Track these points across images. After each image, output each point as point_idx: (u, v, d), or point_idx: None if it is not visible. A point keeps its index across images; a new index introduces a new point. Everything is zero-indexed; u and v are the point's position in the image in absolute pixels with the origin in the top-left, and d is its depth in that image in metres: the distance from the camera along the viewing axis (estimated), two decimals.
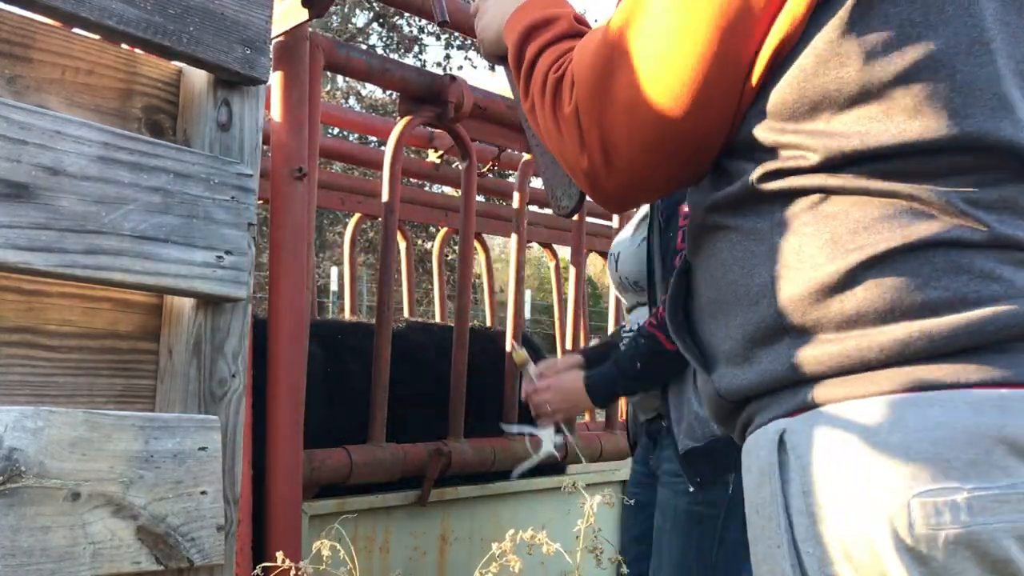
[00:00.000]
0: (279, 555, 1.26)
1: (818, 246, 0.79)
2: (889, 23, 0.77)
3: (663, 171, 0.90)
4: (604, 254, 3.86)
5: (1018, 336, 0.75)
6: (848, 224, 0.78)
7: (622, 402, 3.68)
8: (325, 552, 1.15)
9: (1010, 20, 0.82)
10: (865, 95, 0.78)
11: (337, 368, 2.22)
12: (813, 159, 0.80)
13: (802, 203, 0.81)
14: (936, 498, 0.72)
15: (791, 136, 0.81)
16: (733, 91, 0.83)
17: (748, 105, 0.84)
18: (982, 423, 0.73)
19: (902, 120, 0.77)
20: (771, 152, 0.82)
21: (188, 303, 1.15)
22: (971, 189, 0.78)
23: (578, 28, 1.02)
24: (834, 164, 0.79)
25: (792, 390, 0.80)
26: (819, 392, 0.78)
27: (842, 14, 0.78)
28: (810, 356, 0.78)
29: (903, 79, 0.77)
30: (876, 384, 0.76)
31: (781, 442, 0.79)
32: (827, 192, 0.80)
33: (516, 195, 2.65)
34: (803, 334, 0.79)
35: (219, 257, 1.12)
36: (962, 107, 0.77)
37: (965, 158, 0.78)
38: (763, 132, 0.83)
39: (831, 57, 0.78)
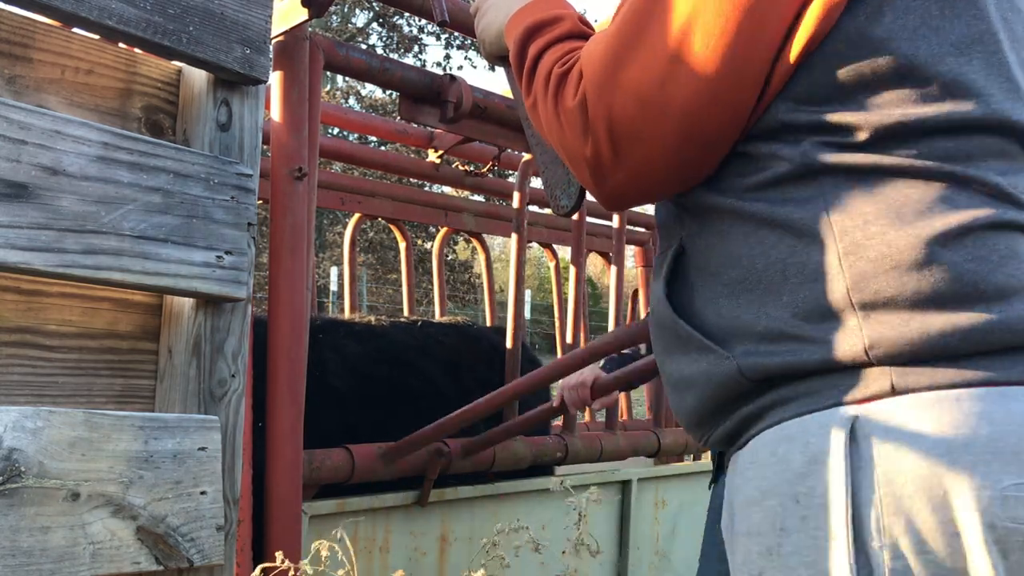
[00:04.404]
0: (278, 555, 1.26)
1: (886, 223, 0.79)
2: (912, 14, 0.82)
3: (672, 165, 0.89)
4: (604, 254, 3.86)
5: None
6: (910, 204, 0.79)
7: (622, 402, 3.68)
8: (324, 553, 1.15)
9: (1007, 15, 0.88)
10: (898, 78, 0.81)
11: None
12: (861, 136, 0.81)
13: (856, 183, 0.81)
14: (1022, 492, 0.73)
15: (830, 116, 0.82)
16: (755, 81, 0.83)
17: (776, 92, 0.84)
18: None
19: (935, 100, 0.80)
20: (812, 131, 0.83)
21: (188, 303, 1.15)
22: (1006, 174, 0.81)
23: (582, 29, 1.02)
24: (881, 140, 0.81)
25: (861, 372, 0.79)
26: (900, 379, 0.77)
27: (873, 4, 0.82)
28: (887, 338, 0.77)
29: (930, 64, 0.81)
30: (961, 375, 0.76)
31: (852, 430, 0.77)
32: (880, 172, 0.81)
33: (516, 195, 2.65)
34: (874, 311, 0.78)
35: (219, 257, 1.12)
36: (984, 89, 0.81)
37: (993, 140, 0.81)
38: (798, 115, 0.83)
39: (863, 43, 0.81)
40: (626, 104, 0.86)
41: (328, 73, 2.37)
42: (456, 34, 11.98)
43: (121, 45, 1.12)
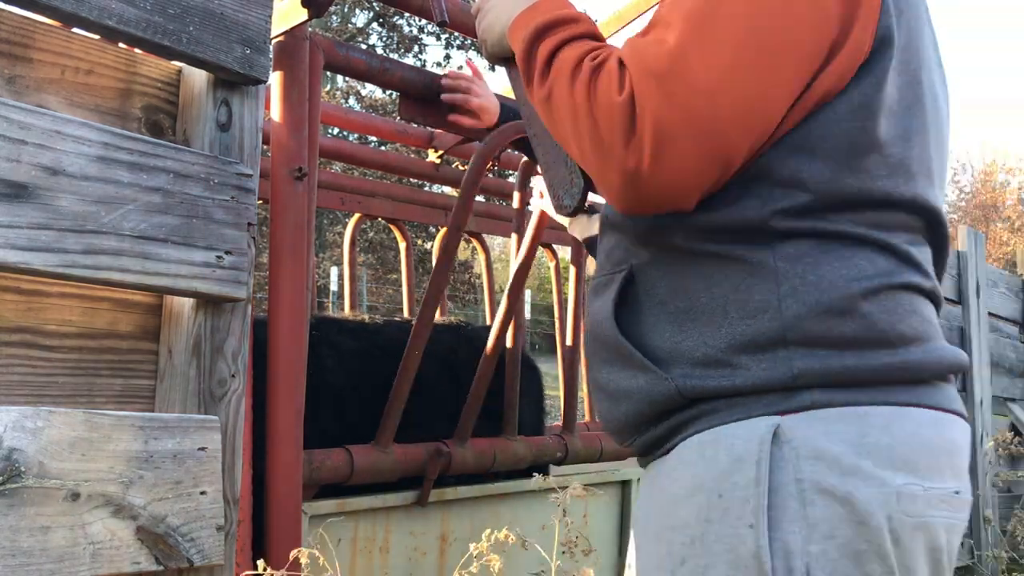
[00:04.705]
0: (259, 563, 1.27)
1: (821, 274, 0.94)
2: (889, 99, 0.95)
3: (704, 174, 0.91)
4: None
5: (946, 374, 0.99)
6: (843, 262, 0.94)
7: None
8: (304, 560, 1.15)
9: (932, 114, 1.02)
10: (866, 151, 0.94)
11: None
12: (815, 202, 0.94)
13: (805, 241, 0.95)
14: (909, 491, 0.91)
15: (800, 173, 0.93)
16: (781, 111, 0.92)
17: (778, 135, 0.93)
18: (936, 436, 0.94)
19: (883, 177, 0.95)
20: (778, 187, 0.94)
21: (188, 303, 1.15)
22: (916, 246, 0.99)
23: (599, 33, 1.03)
24: (830, 208, 0.95)
25: (786, 393, 0.93)
26: (820, 397, 0.93)
27: (870, 80, 0.94)
28: (813, 368, 0.93)
29: (888, 144, 0.95)
30: (869, 396, 0.93)
31: (775, 435, 0.92)
32: (822, 235, 0.95)
33: (516, 195, 2.65)
34: (802, 347, 0.93)
35: (219, 257, 1.12)
36: (917, 174, 0.98)
37: (911, 218, 0.99)
38: (781, 167, 0.94)
39: (857, 110, 0.93)
40: (679, 109, 0.88)
41: (328, 73, 2.37)
42: (456, 34, 11.99)
43: (121, 45, 1.12)
